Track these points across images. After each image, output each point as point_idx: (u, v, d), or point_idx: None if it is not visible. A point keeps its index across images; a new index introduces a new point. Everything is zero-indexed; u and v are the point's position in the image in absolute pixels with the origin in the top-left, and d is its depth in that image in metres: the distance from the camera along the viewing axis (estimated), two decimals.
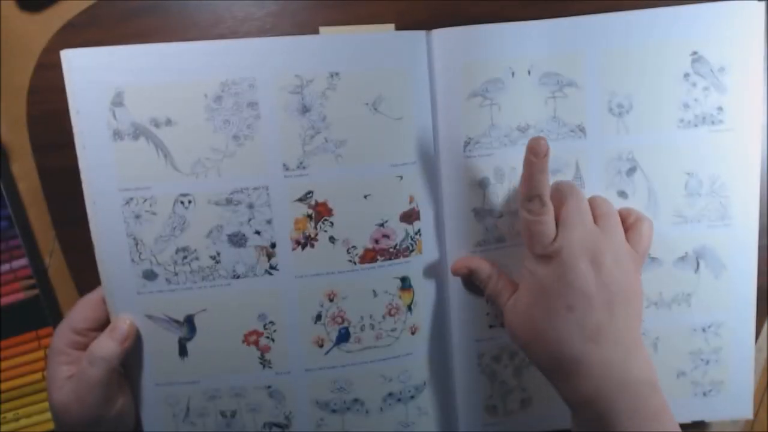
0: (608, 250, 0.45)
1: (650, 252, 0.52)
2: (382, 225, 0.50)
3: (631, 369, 0.44)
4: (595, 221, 0.46)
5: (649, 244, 0.48)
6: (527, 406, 0.55)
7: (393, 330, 0.52)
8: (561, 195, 0.47)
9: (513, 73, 0.50)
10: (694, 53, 0.50)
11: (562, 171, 0.51)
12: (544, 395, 0.55)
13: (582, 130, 0.51)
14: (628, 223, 0.48)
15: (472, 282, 0.52)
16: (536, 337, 0.46)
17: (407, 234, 0.51)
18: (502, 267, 0.51)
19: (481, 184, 0.51)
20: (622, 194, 0.52)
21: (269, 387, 0.52)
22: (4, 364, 0.55)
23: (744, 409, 0.55)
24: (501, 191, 0.51)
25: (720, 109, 0.51)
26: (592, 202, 0.48)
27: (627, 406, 0.43)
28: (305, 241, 0.50)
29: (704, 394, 0.55)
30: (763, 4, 0.50)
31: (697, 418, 0.56)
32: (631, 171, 0.51)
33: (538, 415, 0.55)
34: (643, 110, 0.51)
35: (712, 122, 0.51)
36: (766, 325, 0.58)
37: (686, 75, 0.50)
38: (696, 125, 0.51)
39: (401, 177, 0.50)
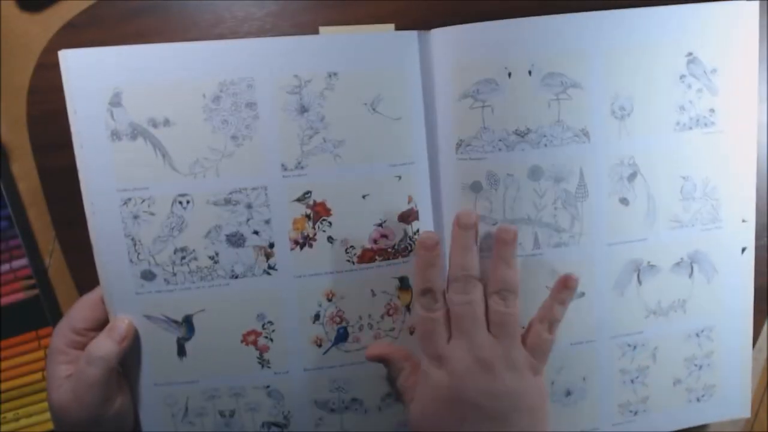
0: (501, 359, 0.44)
1: (649, 260, 0.51)
2: (380, 225, 0.50)
3: None
4: (489, 327, 0.45)
5: (549, 346, 0.46)
6: None
7: (391, 330, 0.52)
8: (453, 287, 0.45)
9: (510, 74, 0.48)
10: (690, 54, 0.49)
11: (566, 179, 0.49)
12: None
13: (586, 134, 0.49)
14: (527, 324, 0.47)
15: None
16: None
17: (406, 234, 0.51)
18: None
19: (473, 188, 0.49)
20: (624, 201, 0.50)
21: (268, 387, 0.52)
22: (4, 364, 0.55)
23: (738, 410, 0.55)
24: (495, 198, 0.49)
25: (712, 110, 0.50)
26: (489, 301, 0.46)
27: None
28: (304, 241, 0.50)
29: (698, 400, 0.54)
30: (756, 4, 0.49)
31: (691, 423, 0.56)
32: (632, 176, 0.50)
33: None
34: (642, 113, 0.49)
35: (705, 124, 0.50)
36: (765, 326, 0.58)
37: (682, 76, 0.49)
38: (691, 128, 0.50)
39: (400, 177, 0.50)
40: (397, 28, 0.53)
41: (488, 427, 0.43)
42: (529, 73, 0.48)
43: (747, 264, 0.53)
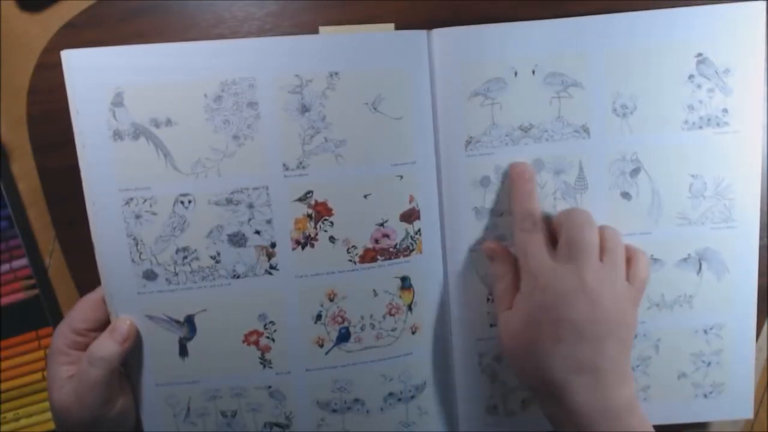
0: (607, 286, 0.45)
1: (652, 253, 0.52)
2: (382, 225, 0.50)
3: (614, 398, 0.44)
4: (601, 253, 0.47)
5: (646, 276, 0.48)
6: (528, 406, 0.55)
7: (393, 330, 0.52)
8: (571, 224, 0.47)
9: (516, 73, 0.50)
10: (699, 55, 0.50)
11: (565, 171, 0.51)
12: None
13: (586, 130, 0.51)
14: (625, 257, 0.48)
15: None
16: (522, 357, 0.47)
17: (407, 233, 0.51)
18: None
19: (482, 183, 0.51)
20: (626, 195, 0.51)
21: (270, 387, 0.52)
22: (4, 364, 0.55)
23: (744, 410, 0.55)
24: (501, 190, 0.51)
25: (725, 110, 0.51)
26: (602, 234, 0.48)
27: (607, 427, 0.44)
28: (305, 241, 0.50)
29: (705, 396, 0.55)
30: (764, 5, 0.49)
31: (697, 419, 0.56)
32: (635, 172, 0.51)
33: (540, 416, 0.55)
34: (647, 111, 0.50)
35: (717, 124, 0.51)
36: (766, 325, 0.58)
37: (691, 77, 0.50)
38: (701, 127, 0.51)
39: (401, 176, 0.50)
40: (397, 28, 0.53)
41: (581, 350, 0.44)
42: (533, 72, 0.50)
43: (759, 264, 0.53)
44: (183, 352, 0.50)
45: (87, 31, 0.52)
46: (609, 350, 0.45)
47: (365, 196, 0.50)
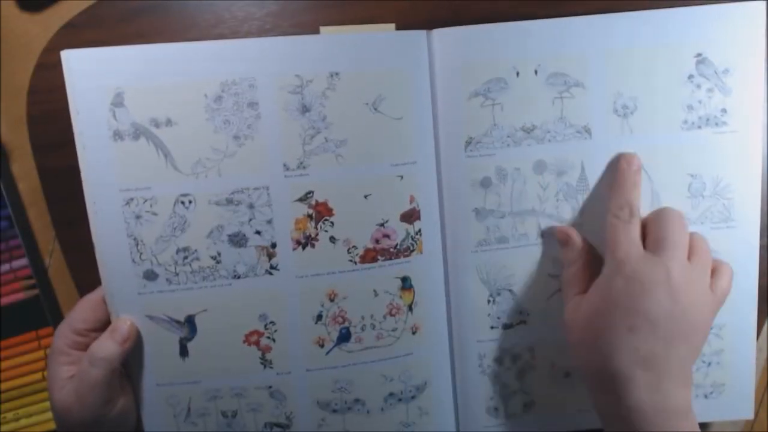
0: (691, 286, 0.45)
1: None
2: (382, 225, 0.50)
3: (672, 398, 0.44)
4: (689, 255, 0.47)
5: (729, 290, 0.49)
6: (530, 409, 0.55)
7: (394, 330, 0.52)
8: (664, 220, 0.47)
9: (518, 73, 0.49)
10: (699, 55, 0.50)
11: (567, 172, 0.51)
12: (547, 400, 0.55)
13: (588, 131, 0.51)
14: (711, 267, 0.49)
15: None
16: (588, 342, 0.46)
17: (408, 234, 0.51)
18: (505, 268, 0.52)
19: (483, 184, 0.51)
20: None
21: (270, 387, 0.52)
22: (4, 364, 0.55)
23: (744, 410, 0.55)
24: (503, 191, 0.51)
25: (724, 110, 0.51)
26: (691, 238, 0.48)
27: (659, 428, 0.43)
28: (306, 241, 0.50)
29: (705, 396, 0.55)
30: (763, 4, 0.49)
31: (698, 419, 0.55)
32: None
33: (541, 419, 0.55)
34: (647, 111, 0.50)
35: (716, 124, 0.51)
36: (766, 325, 0.58)
37: (690, 77, 0.50)
38: (700, 127, 0.51)
39: (402, 177, 0.50)
40: (398, 28, 0.53)
41: (652, 345, 0.44)
42: (535, 72, 0.50)
43: (759, 264, 0.53)
44: (183, 352, 0.50)
45: (87, 31, 0.52)
46: (680, 351, 0.44)
47: (366, 197, 0.50)
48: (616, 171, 0.50)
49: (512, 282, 0.52)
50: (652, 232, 0.48)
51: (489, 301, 0.52)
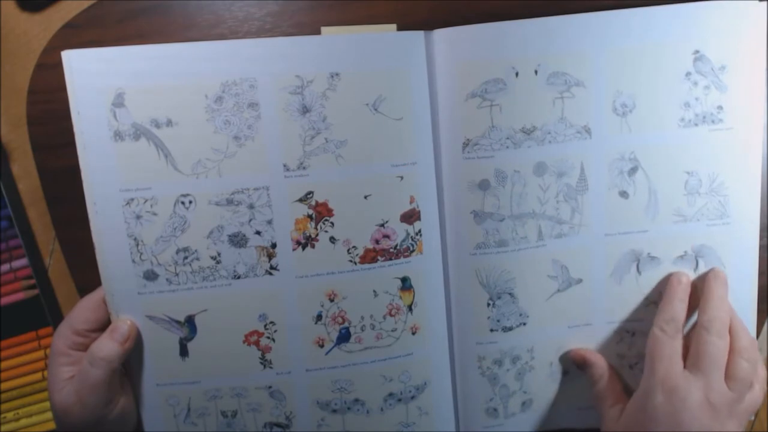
0: (728, 407, 0.47)
1: (650, 251, 0.52)
2: (382, 225, 0.50)
3: None
4: (727, 373, 0.48)
5: (760, 402, 0.50)
6: (528, 407, 0.55)
7: (393, 330, 0.52)
8: (704, 338, 0.48)
9: (517, 73, 0.49)
10: (696, 52, 0.50)
11: (567, 174, 0.51)
12: (546, 397, 0.55)
13: (588, 131, 0.50)
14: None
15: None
16: None
17: (408, 234, 0.51)
18: (505, 272, 0.52)
19: (481, 186, 0.50)
20: (624, 194, 0.51)
21: (270, 387, 0.52)
22: (4, 364, 0.55)
23: None
24: (502, 194, 0.51)
25: (720, 108, 0.51)
26: (734, 335, 0.49)
27: None
28: (306, 242, 0.50)
29: None
30: (764, 4, 0.49)
31: None
32: (633, 171, 0.51)
33: (540, 416, 0.55)
34: (645, 109, 0.50)
35: (712, 121, 0.51)
36: (766, 325, 0.58)
37: (688, 74, 0.50)
38: (696, 124, 0.51)
39: (402, 177, 0.50)
40: (399, 29, 0.53)
41: None
42: (535, 72, 0.49)
43: (757, 262, 0.53)
44: (183, 352, 0.50)
45: (87, 31, 0.52)
46: None
47: (366, 197, 0.50)
48: (667, 286, 0.51)
49: (512, 285, 0.52)
50: (693, 347, 0.49)
51: (489, 305, 0.52)
